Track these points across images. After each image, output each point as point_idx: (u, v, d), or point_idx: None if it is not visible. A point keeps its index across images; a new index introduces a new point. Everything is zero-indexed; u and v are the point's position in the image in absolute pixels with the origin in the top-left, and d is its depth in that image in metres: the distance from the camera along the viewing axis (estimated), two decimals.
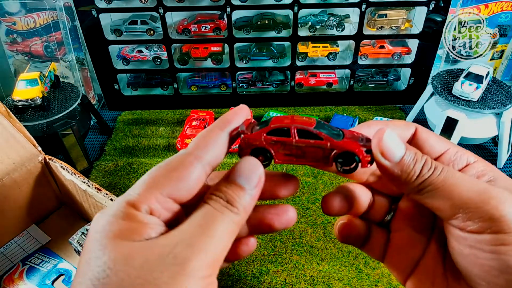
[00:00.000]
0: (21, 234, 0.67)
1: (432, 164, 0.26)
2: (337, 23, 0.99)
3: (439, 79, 0.90)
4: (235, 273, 0.66)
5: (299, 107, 1.04)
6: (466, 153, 0.28)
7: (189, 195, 0.25)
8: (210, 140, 0.27)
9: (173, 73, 1.02)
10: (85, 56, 1.03)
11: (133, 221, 0.23)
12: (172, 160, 0.25)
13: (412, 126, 0.30)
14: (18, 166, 0.62)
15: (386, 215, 0.32)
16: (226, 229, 0.24)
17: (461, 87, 0.83)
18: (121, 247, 0.22)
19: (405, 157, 0.26)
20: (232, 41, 0.96)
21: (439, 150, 0.29)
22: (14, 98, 0.81)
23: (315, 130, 0.27)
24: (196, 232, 0.23)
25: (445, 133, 0.82)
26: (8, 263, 0.64)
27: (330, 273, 0.65)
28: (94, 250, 0.22)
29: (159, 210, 0.24)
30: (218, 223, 0.23)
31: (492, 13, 0.96)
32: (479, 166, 0.28)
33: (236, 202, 0.25)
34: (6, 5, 0.94)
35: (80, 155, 0.84)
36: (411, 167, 0.26)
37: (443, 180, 0.25)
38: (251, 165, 0.26)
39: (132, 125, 1.00)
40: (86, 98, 0.92)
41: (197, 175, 0.25)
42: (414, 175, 0.26)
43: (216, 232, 0.23)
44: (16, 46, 0.99)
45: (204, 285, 0.22)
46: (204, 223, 0.23)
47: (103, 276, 0.21)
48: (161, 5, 0.91)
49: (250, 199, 0.25)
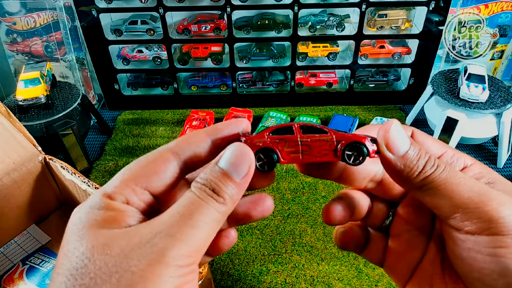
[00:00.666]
0: (21, 234, 0.67)
1: (435, 161, 0.26)
2: (337, 23, 0.99)
3: (439, 79, 0.91)
4: (235, 273, 0.66)
5: (299, 107, 1.04)
6: (463, 156, 0.28)
7: (164, 189, 0.25)
8: (192, 140, 0.26)
9: (173, 73, 1.02)
10: (85, 56, 1.03)
11: (109, 210, 0.23)
12: (150, 154, 0.25)
13: (408, 129, 0.29)
14: (18, 166, 0.62)
15: (384, 220, 0.32)
16: (211, 219, 0.23)
17: (468, 90, 0.82)
18: (99, 236, 0.22)
19: (409, 152, 0.26)
20: (232, 41, 0.96)
21: (435, 153, 0.28)
22: (17, 97, 0.81)
23: (318, 125, 0.27)
24: (178, 221, 0.22)
25: (445, 133, 0.82)
26: (8, 263, 0.64)
27: (330, 273, 0.65)
28: (71, 241, 0.22)
29: (136, 201, 0.24)
30: (202, 213, 0.23)
31: (492, 13, 0.95)
32: (475, 168, 0.28)
33: (222, 191, 0.24)
34: (6, 5, 0.94)
35: (80, 155, 0.84)
36: (414, 162, 0.26)
37: (445, 178, 0.25)
38: (241, 152, 0.25)
39: (132, 125, 1.00)
40: (86, 98, 0.92)
41: (173, 171, 0.25)
42: (417, 171, 0.26)
43: (199, 222, 0.23)
44: (16, 46, 0.99)
45: (182, 274, 0.22)
46: (187, 212, 0.23)
47: (81, 266, 0.21)
48: (161, 5, 0.91)
49: (238, 189, 0.24)
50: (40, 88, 0.82)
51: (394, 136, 0.26)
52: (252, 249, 0.69)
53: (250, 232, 0.72)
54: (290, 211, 0.76)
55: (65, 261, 0.22)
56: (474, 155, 0.90)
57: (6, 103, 0.86)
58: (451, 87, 0.88)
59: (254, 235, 0.71)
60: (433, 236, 0.30)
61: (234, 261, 0.68)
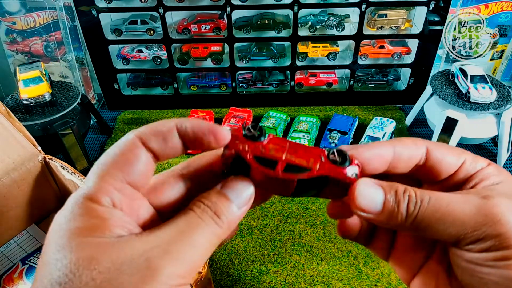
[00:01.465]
0: (21, 234, 0.67)
1: (417, 197, 0.24)
2: (337, 23, 0.99)
3: (438, 79, 0.90)
4: (235, 273, 0.66)
5: (299, 107, 1.04)
6: (480, 160, 0.27)
7: (143, 179, 0.24)
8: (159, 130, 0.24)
9: (173, 72, 1.02)
10: (85, 55, 1.03)
11: (93, 217, 0.21)
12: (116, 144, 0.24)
13: (422, 145, 0.27)
14: (17, 166, 0.62)
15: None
16: (207, 240, 0.23)
17: (479, 93, 0.82)
18: (84, 247, 0.20)
19: (386, 203, 0.25)
20: (232, 41, 0.96)
21: (456, 165, 0.27)
22: (22, 97, 0.81)
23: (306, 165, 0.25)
24: (175, 238, 0.22)
25: (445, 133, 0.82)
26: (7, 262, 0.64)
27: (330, 273, 0.65)
28: (53, 251, 0.20)
29: (119, 199, 0.22)
30: (200, 233, 0.22)
31: (492, 13, 0.95)
32: (488, 169, 0.26)
33: (222, 214, 0.24)
34: (6, 5, 0.94)
35: (80, 154, 0.84)
36: (396, 210, 0.24)
37: (433, 211, 0.24)
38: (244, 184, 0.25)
39: (132, 124, 1.00)
40: (86, 97, 0.92)
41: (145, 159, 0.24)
42: (403, 217, 0.24)
43: (197, 242, 0.22)
44: (16, 45, 0.99)
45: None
46: (186, 230, 0.22)
47: (64, 281, 0.19)
48: (161, 5, 0.91)
49: (236, 215, 0.24)
50: (43, 86, 0.83)
51: (364, 197, 0.25)
52: (252, 249, 0.69)
53: (250, 232, 0.72)
54: (290, 211, 0.76)
55: (46, 273, 0.20)
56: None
57: (8, 103, 0.86)
58: (451, 87, 0.88)
59: (254, 235, 0.72)
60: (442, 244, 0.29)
61: (233, 261, 0.68)
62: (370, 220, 0.25)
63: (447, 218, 0.24)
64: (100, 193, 0.22)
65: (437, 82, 0.89)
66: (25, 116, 0.81)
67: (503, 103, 0.82)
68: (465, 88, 0.84)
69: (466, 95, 0.83)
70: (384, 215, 0.25)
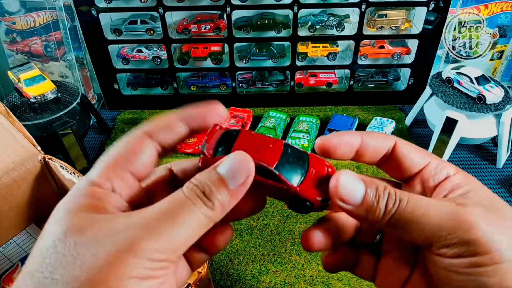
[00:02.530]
0: (21, 234, 0.67)
1: (397, 196, 0.25)
2: (337, 23, 0.99)
3: (438, 80, 0.90)
4: (235, 273, 0.66)
5: (299, 107, 1.04)
6: (447, 166, 0.28)
7: (145, 169, 0.25)
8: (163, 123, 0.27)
9: (173, 72, 1.02)
10: (84, 55, 1.03)
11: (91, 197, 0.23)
12: (124, 137, 0.26)
13: (391, 139, 0.28)
14: (17, 166, 0.62)
15: (375, 237, 0.31)
16: (194, 221, 0.22)
17: (493, 94, 0.81)
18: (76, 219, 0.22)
19: (366, 197, 0.25)
20: (232, 41, 0.96)
21: (420, 164, 0.28)
22: (29, 95, 0.81)
23: (275, 172, 0.25)
24: (158, 216, 0.22)
25: (445, 133, 0.82)
26: (7, 262, 0.64)
27: (330, 273, 0.65)
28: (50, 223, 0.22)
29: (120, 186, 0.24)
30: (186, 212, 0.22)
31: (492, 13, 0.96)
32: (456, 179, 0.27)
33: (213, 196, 0.23)
34: (5, 4, 0.94)
35: (80, 154, 0.84)
36: (375, 205, 0.25)
37: (411, 211, 0.24)
38: (242, 161, 0.24)
39: (131, 124, 1.00)
40: (85, 97, 0.92)
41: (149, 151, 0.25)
42: (380, 213, 0.25)
43: (180, 221, 0.22)
44: (15, 45, 0.99)
45: (151, 267, 0.21)
46: (170, 209, 0.22)
47: (51, 246, 0.21)
48: (161, 5, 0.91)
49: (231, 197, 0.23)
50: (48, 83, 0.83)
51: (345, 188, 0.25)
52: (252, 249, 0.69)
53: (250, 232, 0.72)
54: (290, 211, 0.76)
55: (39, 241, 0.22)
56: (474, 155, 0.90)
57: (11, 102, 0.86)
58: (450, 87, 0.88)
59: (254, 235, 0.71)
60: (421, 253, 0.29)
61: (233, 261, 0.68)
62: (349, 213, 0.26)
63: (423, 219, 0.24)
64: (102, 178, 0.24)
65: (436, 85, 0.89)
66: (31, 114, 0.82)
67: (503, 104, 0.82)
68: (475, 92, 0.83)
69: (480, 98, 0.82)
70: (363, 208, 0.25)
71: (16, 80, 0.84)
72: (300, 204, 0.27)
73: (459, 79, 0.86)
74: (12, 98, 0.87)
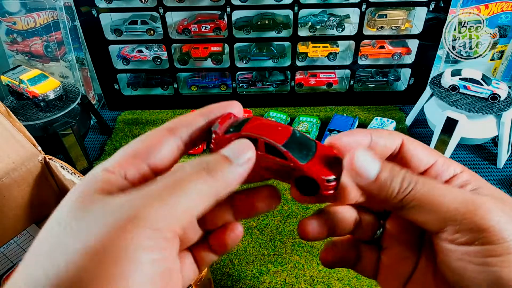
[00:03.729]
0: (21, 234, 0.67)
1: (412, 177, 0.25)
2: (337, 23, 0.99)
3: (438, 80, 0.90)
4: (235, 273, 0.66)
5: (299, 107, 1.04)
6: (453, 164, 0.28)
7: (162, 164, 0.25)
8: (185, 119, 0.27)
9: (173, 73, 1.02)
10: (85, 56, 1.03)
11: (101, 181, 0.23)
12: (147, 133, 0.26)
13: (398, 136, 0.28)
14: (17, 166, 0.62)
15: (375, 232, 0.31)
16: (197, 189, 0.22)
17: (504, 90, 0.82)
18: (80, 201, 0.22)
19: (381, 174, 0.25)
20: (232, 41, 0.96)
21: (427, 163, 0.28)
22: (37, 93, 0.82)
23: (282, 148, 0.26)
24: (159, 187, 0.22)
25: (445, 133, 0.82)
26: (7, 262, 0.64)
27: (330, 273, 0.65)
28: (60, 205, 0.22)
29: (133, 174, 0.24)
30: (188, 182, 0.22)
31: (492, 14, 0.96)
32: (463, 176, 0.27)
33: (216, 169, 0.23)
34: (6, 5, 0.94)
35: (80, 154, 0.84)
36: (389, 183, 0.25)
37: (426, 193, 0.24)
38: (245, 144, 0.25)
39: (132, 125, 1.00)
40: (86, 98, 0.92)
41: (169, 146, 0.26)
42: (394, 192, 0.25)
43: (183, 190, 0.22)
44: (16, 45, 0.99)
45: (156, 236, 0.21)
46: (173, 181, 0.22)
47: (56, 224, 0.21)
48: (161, 5, 0.91)
49: (234, 174, 0.24)
50: (52, 81, 0.84)
51: (361, 162, 0.25)
52: (252, 249, 0.69)
53: (250, 232, 0.72)
54: (290, 211, 0.76)
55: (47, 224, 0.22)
56: (474, 156, 0.90)
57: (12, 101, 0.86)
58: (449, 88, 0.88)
59: (254, 235, 0.71)
60: (424, 247, 0.29)
61: (234, 261, 0.68)
62: (362, 188, 0.26)
63: (439, 201, 0.24)
64: (117, 166, 0.24)
65: (436, 84, 0.89)
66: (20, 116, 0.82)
67: (503, 104, 0.82)
68: (487, 92, 0.83)
69: (495, 97, 0.82)
70: (376, 185, 0.25)
71: (16, 82, 0.84)
72: (306, 184, 0.27)
73: (465, 84, 0.85)
74: (9, 103, 0.87)
